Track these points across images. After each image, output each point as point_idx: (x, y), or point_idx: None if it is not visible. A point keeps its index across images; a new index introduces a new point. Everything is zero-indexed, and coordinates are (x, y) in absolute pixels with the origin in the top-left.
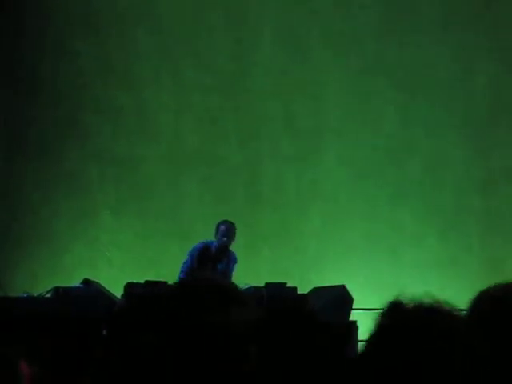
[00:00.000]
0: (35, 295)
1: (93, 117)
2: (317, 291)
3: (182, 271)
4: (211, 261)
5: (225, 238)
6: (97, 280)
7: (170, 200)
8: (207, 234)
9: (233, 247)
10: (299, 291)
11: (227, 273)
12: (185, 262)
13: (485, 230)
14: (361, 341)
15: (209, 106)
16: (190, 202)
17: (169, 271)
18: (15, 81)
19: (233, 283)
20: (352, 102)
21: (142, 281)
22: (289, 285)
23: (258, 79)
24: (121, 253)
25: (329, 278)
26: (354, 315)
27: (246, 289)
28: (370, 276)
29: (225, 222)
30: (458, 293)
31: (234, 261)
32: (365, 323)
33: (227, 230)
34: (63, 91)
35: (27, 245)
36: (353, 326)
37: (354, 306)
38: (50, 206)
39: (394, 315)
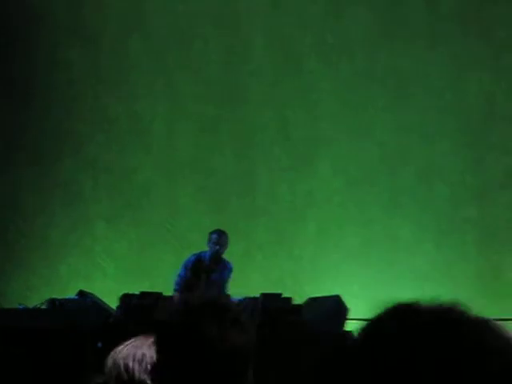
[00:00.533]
0: (30, 307)
1: (87, 126)
2: (312, 301)
3: (176, 283)
4: (205, 272)
5: (217, 247)
6: (91, 290)
7: (164, 210)
8: (202, 244)
9: (227, 256)
10: (294, 300)
11: (221, 283)
12: (178, 275)
13: (480, 237)
14: None
15: (202, 115)
16: (184, 212)
17: (164, 281)
18: (8, 90)
19: (227, 300)
20: (345, 110)
21: (136, 291)
22: (284, 295)
23: (251, 89)
24: (115, 262)
25: (324, 287)
26: (348, 325)
27: (241, 300)
28: (365, 284)
29: (216, 231)
30: (453, 301)
31: (229, 270)
32: None
33: (219, 238)
34: (57, 101)
35: (21, 254)
36: (348, 336)
37: (348, 316)
38: (44, 215)
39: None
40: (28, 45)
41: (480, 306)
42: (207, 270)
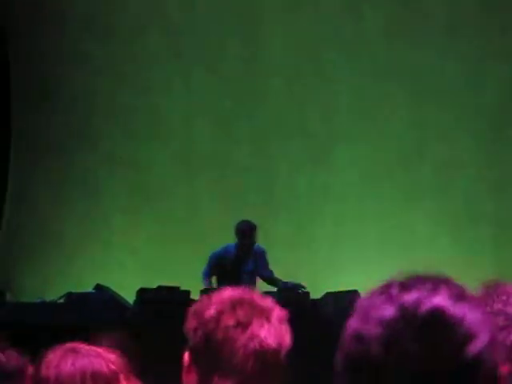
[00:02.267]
0: (48, 301)
1: (104, 120)
2: (329, 296)
3: (203, 280)
4: (232, 264)
5: (245, 240)
6: (109, 284)
7: (182, 203)
8: (220, 237)
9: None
10: (312, 294)
11: (257, 271)
12: (203, 271)
13: (497, 232)
14: None
15: (221, 109)
16: (202, 206)
17: (181, 275)
18: (27, 83)
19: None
20: (364, 105)
21: (154, 285)
22: (301, 290)
23: (269, 83)
24: (133, 256)
25: (341, 281)
26: None
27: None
28: (381, 278)
29: (242, 223)
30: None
31: (262, 253)
32: None
33: (244, 231)
34: (75, 94)
35: (38, 248)
36: None
37: None
38: (61, 209)
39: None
40: (46, 40)
41: None
42: (235, 263)
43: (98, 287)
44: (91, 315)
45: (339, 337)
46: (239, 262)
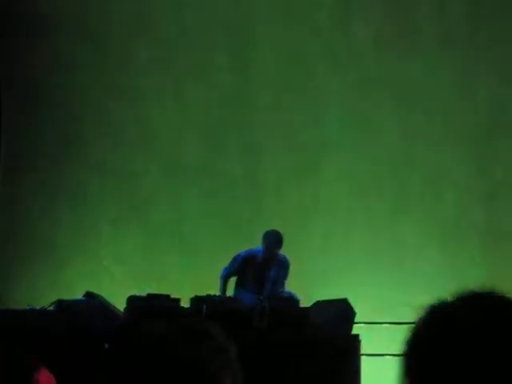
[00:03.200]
0: (38, 308)
1: (93, 131)
2: (319, 304)
3: (221, 276)
4: (257, 269)
5: (272, 251)
6: (98, 293)
7: (171, 213)
8: (209, 247)
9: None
10: (301, 304)
11: (278, 280)
12: (225, 268)
13: (486, 243)
14: (363, 354)
15: (210, 119)
16: (191, 215)
17: (170, 284)
18: (14, 94)
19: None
20: (352, 115)
21: (143, 294)
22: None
23: (258, 93)
24: (122, 266)
25: (330, 292)
26: (356, 329)
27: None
28: (371, 289)
29: (269, 233)
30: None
31: (285, 265)
32: (367, 337)
33: (270, 243)
34: (63, 105)
35: (27, 257)
36: (355, 339)
37: (356, 320)
38: (50, 219)
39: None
40: (34, 49)
41: None
42: (260, 268)
43: (89, 295)
44: (81, 323)
45: (328, 344)
46: (265, 267)
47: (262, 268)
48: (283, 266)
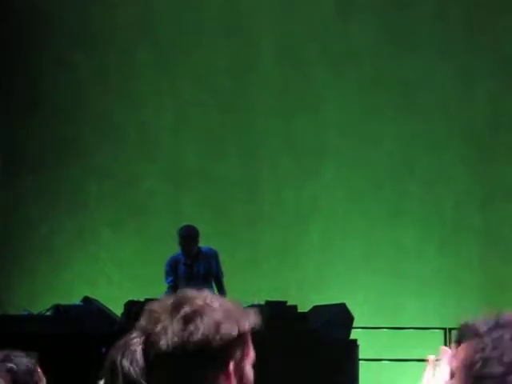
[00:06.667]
0: (35, 313)
1: (92, 134)
2: (317, 309)
3: (169, 287)
4: (184, 270)
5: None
6: (96, 297)
7: (169, 217)
8: None
9: (230, 261)
10: (299, 309)
11: (211, 272)
12: (165, 277)
13: (485, 247)
14: (361, 359)
15: (208, 122)
16: (189, 219)
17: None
18: (14, 95)
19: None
20: (351, 119)
21: (141, 298)
22: (289, 303)
23: (257, 96)
24: (120, 270)
25: (328, 296)
26: (354, 333)
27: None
28: (369, 294)
29: (181, 231)
30: (457, 310)
31: (214, 255)
32: (365, 341)
33: (184, 240)
34: (62, 107)
35: (26, 261)
36: (353, 344)
37: (354, 325)
38: (49, 222)
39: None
40: (35, 52)
41: (484, 315)
42: (188, 266)
43: (86, 300)
44: (79, 327)
45: (327, 348)
46: (191, 265)
47: (188, 267)
48: (211, 258)
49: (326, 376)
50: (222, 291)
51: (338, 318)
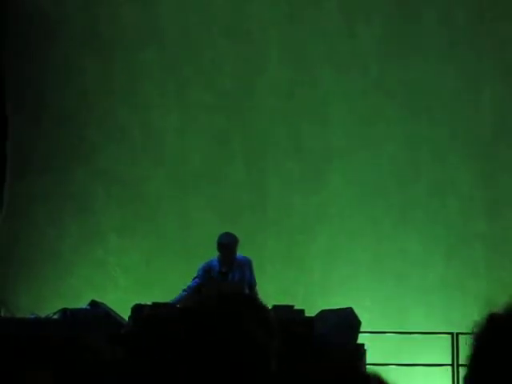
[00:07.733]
0: (42, 317)
1: (99, 137)
2: (324, 314)
3: (189, 286)
4: (218, 276)
5: (225, 255)
6: (103, 301)
7: (175, 220)
8: (214, 255)
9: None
10: (306, 313)
11: (244, 280)
12: (193, 279)
13: (491, 253)
14: (368, 364)
15: (214, 126)
16: (195, 223)
17: (175, 292)
18: (20, 99)
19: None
20: (358, 123)
21: (148, 302)
22: (296, 307)
23: (263, 100)
24: (127, 274)
25: (335, 300)
26: (361, 338)
27: None
28: (376, 299)
29: (221, 239)
30: (464, 316)
31: (247, 265)
32: (372, 346)
33: (225, 249)
34: (69, 111)
35: (33, 265)
36: (360, 348)
37: (361, 329)
38: (55, 226)
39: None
40: (41, 54)
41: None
42: (222, 274)
43: (93, 303)
44: (86, 331)
45: (334, 353)
46: (226, 273)
47: (223, 275)
48: (245, 267)
49: (332, 381)
50: None
51: (346, 322)
